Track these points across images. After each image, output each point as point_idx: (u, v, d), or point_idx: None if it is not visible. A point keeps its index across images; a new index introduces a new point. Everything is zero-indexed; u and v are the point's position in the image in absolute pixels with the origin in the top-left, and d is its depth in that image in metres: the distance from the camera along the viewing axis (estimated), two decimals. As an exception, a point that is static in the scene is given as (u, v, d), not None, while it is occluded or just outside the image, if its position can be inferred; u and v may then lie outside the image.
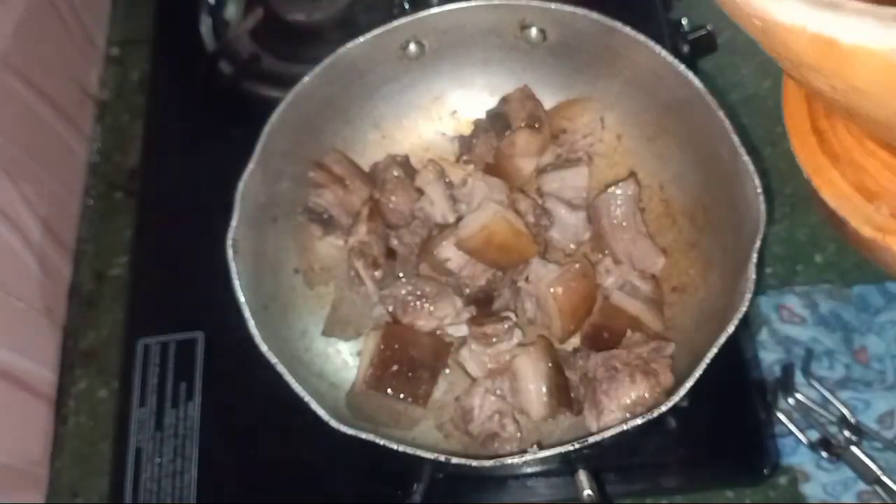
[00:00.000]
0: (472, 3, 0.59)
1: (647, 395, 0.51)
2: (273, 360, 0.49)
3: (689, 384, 0.46)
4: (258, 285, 0.53)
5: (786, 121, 0.36)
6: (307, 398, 0.48)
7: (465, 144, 0.64)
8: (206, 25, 0.76)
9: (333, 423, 0.47)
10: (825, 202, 0.30)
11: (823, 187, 0.29)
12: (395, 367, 0.55)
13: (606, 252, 0.59)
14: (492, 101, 0.64)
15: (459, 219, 0.60)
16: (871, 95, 0.25)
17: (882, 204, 0.28)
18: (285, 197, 0.60)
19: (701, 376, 0.46)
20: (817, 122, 0.34)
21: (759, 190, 0.48)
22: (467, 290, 0.59)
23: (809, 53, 0.26)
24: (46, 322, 0.67)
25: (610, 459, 0.57)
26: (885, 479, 0.54)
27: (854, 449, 0.55)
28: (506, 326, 0.56)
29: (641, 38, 0.56)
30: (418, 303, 0.57)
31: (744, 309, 0.47)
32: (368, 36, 0.59)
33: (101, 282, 0.71)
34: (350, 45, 0.59)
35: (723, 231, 0.54)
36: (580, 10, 0.57)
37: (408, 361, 0.56)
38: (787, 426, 0.57)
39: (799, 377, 0.59)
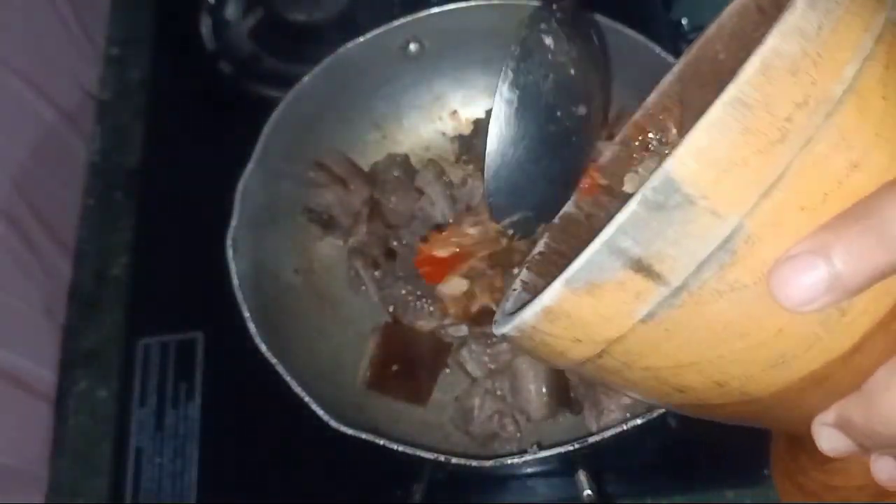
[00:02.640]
0: (472, 3, 0.59)
1: (647, 395, 0.51)
2: (273, 360, 0.49)
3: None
4: (258, 285, 0.53)
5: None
6: (307, 398, 0.48)
7: (465, 144, 0.64)
8: (206, 25, 0.76)
9: (333, 423, 0.47)
10: None
11: None
12: (395, 367, 0.55)
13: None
14: (492, 102, 0.64)
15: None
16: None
17: (857, 497, 0.30)
18: (285, 197, 0.60)
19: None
20: (791, 474, 0.36)
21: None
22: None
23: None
24: (46, 322, 0.67)
25: (610, 459, 0.57)
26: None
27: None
28: (506, 326, 0.56)
29: (642, 38, 0.56)
30: (418, 303, 0.57)
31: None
32: (368, 36, 0.59)
33: (101, 282, 0.71)
34: (350, 45, 0.59)
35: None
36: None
37: (408, 361, 0.56)
38: (787, 426, 0.57)
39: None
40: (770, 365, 0.24)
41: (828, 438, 0.26)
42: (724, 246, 0.22)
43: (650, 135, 0.38)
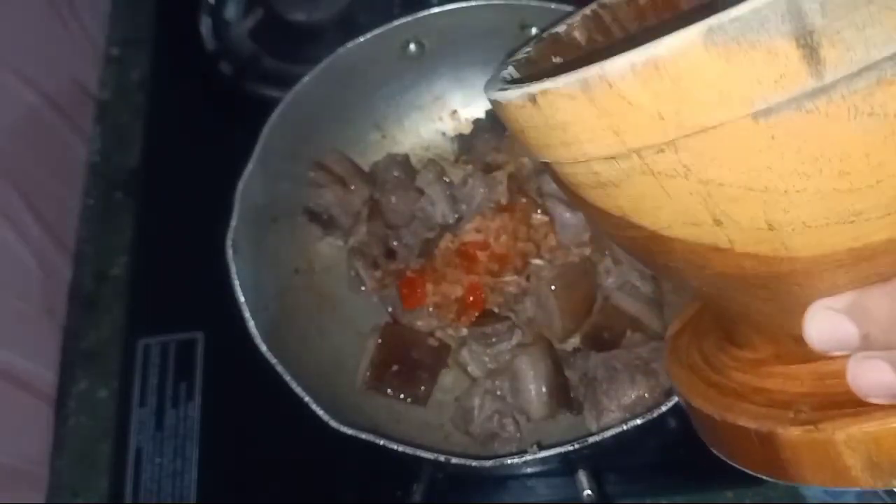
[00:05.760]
0: (472, 3, 0.59)
1: (647, 395, 0.51)
2: (273, 360, 0.49)
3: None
4: (258, 285, 0.53)
5: (673, 381, 0.34)
6: (307, 398, 0.48)
7: (465, 144, 0.64)
8: (206, 25, 0.76)
9: (333, 423, 0.47)
10: (743, 427, 0.28)
11: (740, 416, 0.29)
12: (395, 367, 0.55)
13: (606, 252, 0.59)
14: (492, 101, 0.64)
15: (459, 219, 0.60)
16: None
17: (799, 405, 0.28)
18: (285, 197, 0.60)
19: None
20: (700, 371, 0.32)
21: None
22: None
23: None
24: (46, 322, 0.67)
25: (610, 459, 0.57)
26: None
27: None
28: (506, 326, 0.56)
29: (641, 38, 0.56)
30: (418, 303, 0.57)
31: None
32: (368, 36, 0.59)
33: (101, 282, 0.71)
34: (350, 45, 0.59)
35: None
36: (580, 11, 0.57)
37: (408, 361, 0.56)
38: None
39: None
40: (840, 220, 0.22)
41: (824, 324, 0.25)
42: None
43: None
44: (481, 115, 0.64)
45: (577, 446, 0.45)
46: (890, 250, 0.23)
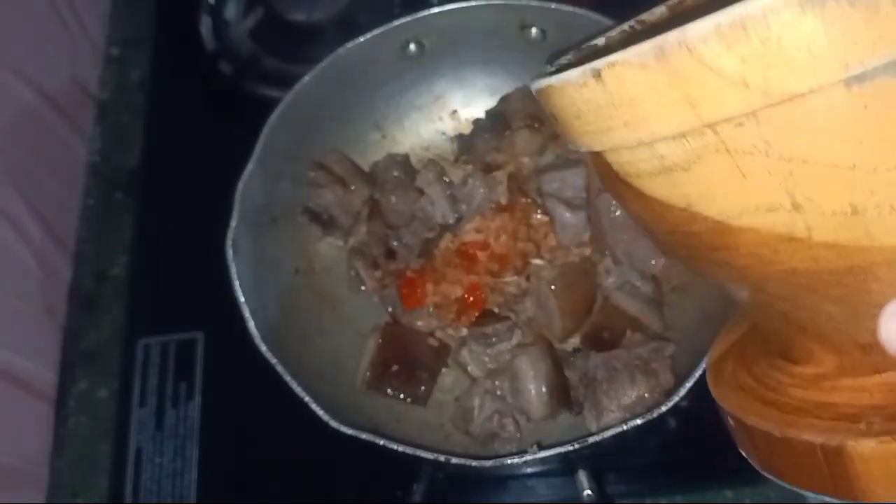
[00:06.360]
0: (472, 3, 0.59)
1: (647, 395, 0.51)
2: (273, 360, 0.49)
3: (689, 384, 0.46)
4: (258, 285, 0.53)
5: (719, 401, 0.32)
6: (307, 398, 0.48)
7: (465, 144, 0.64)
8: (206, 25, 0.76)
9: (333, 423, 0.47)
10: (808, 442, 0.25)
11: (805, 431, 0.27)
12: (395, 367, 0.55)
13: (606, 252, 0.59)
14: (492, 101, 0.64)
15: (459, 219, 0.60)
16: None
17: (870, 418, 0.25)
18: (285, 197, 0.60)
19: (701, 376, 0.46)
20: (754, 391, 0.30)
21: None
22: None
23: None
24: (46, 322, 0.67)
25: (610, 459, 0.57)
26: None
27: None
28: (506, 326, 0.56)
29: (641, 38, 0.56)
30: (418, 303, 0.57)
31: (744, 309, 0.46)
32: (368, 36, 0.59)
33: (101, 282, 0.71)
34: (350, 45, 0.59)
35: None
36: (580, 10, 0.57)
37: (408, 361, 0.56)
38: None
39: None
40: None
41: None
42: None
43: None
44: (481, 115, 0.64)
45: (577, 446, 0.45)
46: None
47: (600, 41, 0.33)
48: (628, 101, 0.21)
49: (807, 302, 0.25)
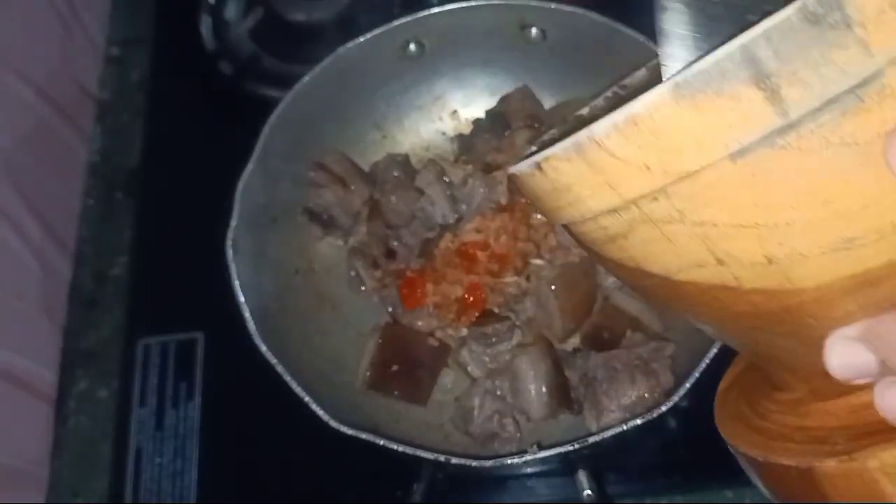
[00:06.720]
0: (472, 3, 0.59)
1: (647, 395, 0.51)
2: (273, 360, 0.49)
3: (688, 384, 0.46)
4: (258, 285, 0.53)
5: (721, 430, 0.35)
6: (307, 398, 0.48)
7: (465, 144, 0.64)
8: (206, 25, 0.76)
9: (333, 423, 0.47)
10: (785, 465, 0.28)
11: (782, 456, 0.29)
12: (395, 367, 0.55)
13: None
14: (492, 101, 0.64)
15: (459, 219, 0.60)
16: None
17: (835, 438, 0.28)
18: (285, 197, 0.60)
19: (701, 376, 0.46)
20: (746, 419, 0.34)
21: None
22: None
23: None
24: (46, 322, 0.67)
25: (610, 459, 0.57)
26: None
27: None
28: (506, 326, 0.56)
29: (641, 38, 0.56)
30: (418, 303, 0.57)
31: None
32: (368, 36, 0.59)
33: (101, 282, 0.71)
34: (350, 45, 0.59)
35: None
36: (580, 10, 0.57)
37: (408, 361, 0.56)
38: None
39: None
40: (834, 247, 0.23)
41: (843, 353, 0.25)
42: (857, 89, 0.21)
43: None
44: (481, 115, 0.64)
45: (577, 446, 0.45)
46: (893, 274, 0.23)
47: (585, 111, 0.37)
48: (566, 187, 0.25)
49: (762, 338, 0.28)
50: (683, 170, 0.22)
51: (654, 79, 0.35)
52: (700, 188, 0.23)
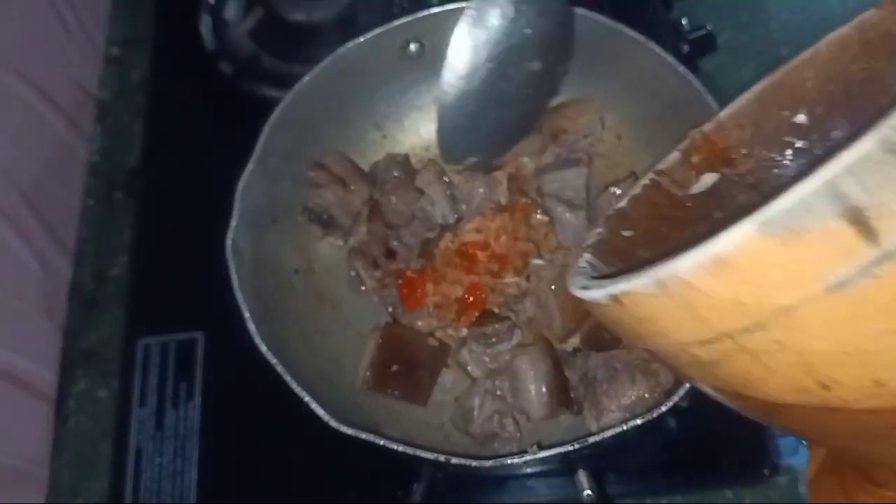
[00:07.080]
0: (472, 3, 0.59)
1: (647, 395, 0.51)
2: (273, 360, 0.49)
3: (688, 384, 0.46)
4: (258, 285, 0.53)
5: None
6: (307, 398, 0.48)
7: (465, 144, 0.64)
8: (206, 25, 0.76)
9: (333, 423, 0.47)
10: None
11: None
12: (395, 367, 0.55)
13: (606, 252, 0.59)
14: (492, 101, 0.64)
15: (459, 219, 0.60)
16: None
17: None
18: (285, 197, 0.60)
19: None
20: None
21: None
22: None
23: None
24: (46, 322, 0.67)
25: (610, 459, 0.57)
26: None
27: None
28: (506, 326, 0.56)
29: (642, 38, 0.56)
30: (418, 303, 0.57)
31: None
32: (368, 36, 0.59)
33: (101, 282, 0.71)
34: (350, 45, 0.59)
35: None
36: (580, 11, 0.57)
37: (408, 361, 0.56)
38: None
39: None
40: None
41: None
42: None
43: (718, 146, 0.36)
44: (481, 115, 0.64)
45: (577, 446, 0.45)
46: None
47: (624, 203, 0.37)
48: (650, 319, 0.24)
49: (872, 448, 0.28)
50: (779, 304, 0.22)
51: (686, 160, 0.36)
52: (798, 320, 0.22)
